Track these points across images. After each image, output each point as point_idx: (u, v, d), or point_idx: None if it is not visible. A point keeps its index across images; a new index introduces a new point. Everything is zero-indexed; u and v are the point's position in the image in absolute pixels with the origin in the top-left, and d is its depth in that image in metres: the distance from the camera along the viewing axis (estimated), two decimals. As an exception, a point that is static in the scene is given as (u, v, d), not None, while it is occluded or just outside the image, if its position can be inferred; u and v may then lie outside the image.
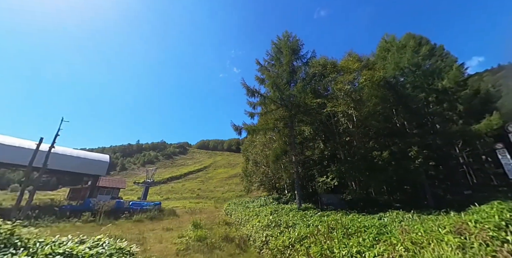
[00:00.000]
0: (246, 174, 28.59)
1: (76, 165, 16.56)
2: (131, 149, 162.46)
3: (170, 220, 17.36)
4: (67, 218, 13.89)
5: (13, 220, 4.97)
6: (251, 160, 26.27)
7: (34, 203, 16.77)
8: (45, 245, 4.80)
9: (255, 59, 16.81)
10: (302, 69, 16.61)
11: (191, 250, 9.26)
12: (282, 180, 22.54)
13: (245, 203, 22.63)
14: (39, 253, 4.11)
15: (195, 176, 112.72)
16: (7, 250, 4.26)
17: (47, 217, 13.33)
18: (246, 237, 11.15)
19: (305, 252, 7.33)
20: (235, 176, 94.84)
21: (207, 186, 78.75)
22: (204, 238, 10.68)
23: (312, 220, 11.16)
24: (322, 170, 17.37)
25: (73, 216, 14.07)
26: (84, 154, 17.84)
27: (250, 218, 14.21)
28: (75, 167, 16.76)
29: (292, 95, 15.12)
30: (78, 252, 4.57)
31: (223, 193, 56.21)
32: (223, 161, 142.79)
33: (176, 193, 63.04)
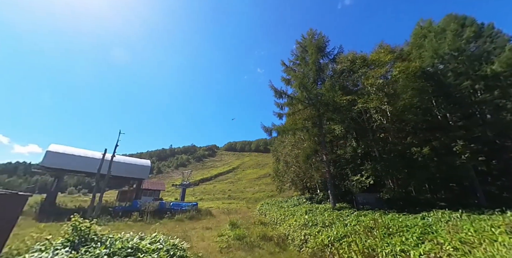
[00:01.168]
0: (277, 174, 28.78)
1: (124, 170, 18.48)
2: (165, 153, 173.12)
3: (207, 219, 18.31)
4: (120, 218, 15.50)
5: (90, 219, 5.93)
6: (281, 160, 26.41)
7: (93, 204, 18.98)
8: (114, 241, 5.65)
9: (280, 60, 17.00)
10: (329, 66, 16.32)
11: (232, 248, 9.76)
12: (313, 180, 22.28)
13: (278, 203, 22.86)
14: (113, 247, 4.88)
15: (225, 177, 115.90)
16: (89, 244, 5.14)
17: (104, 216, 15.05)
18: (283, 236, 11.43)
19: (346, 250, 7.38)
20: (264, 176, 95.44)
21: (237, 186, 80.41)
22: (243, 237, 11.14)
23: (349, 219, 11.08)
24: (356, 169, 16.81)
25: (124, 216, 15.67)
26: (129, 160, 19.89)
27: (286, 217, 14.46)
28: (123, 172, 18.68)
29: (319, 94, 14.93)
30: (142, 247, 5.31)
31: (253, 194, 56.99)
32: (251, 161, 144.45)
33: (208, 194, 65.59)
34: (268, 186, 70.34)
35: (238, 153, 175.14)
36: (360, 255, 6.87)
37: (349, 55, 17.97)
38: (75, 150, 17.58)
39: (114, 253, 4.53)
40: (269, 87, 15.56)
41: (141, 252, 4.86)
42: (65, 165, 16.97)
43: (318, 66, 16.04)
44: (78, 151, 17.47)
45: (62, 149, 16.97)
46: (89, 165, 17.40)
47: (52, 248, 5.04)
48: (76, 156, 17.36)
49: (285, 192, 32.57)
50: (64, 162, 16.82)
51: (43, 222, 13.85)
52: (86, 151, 18.10)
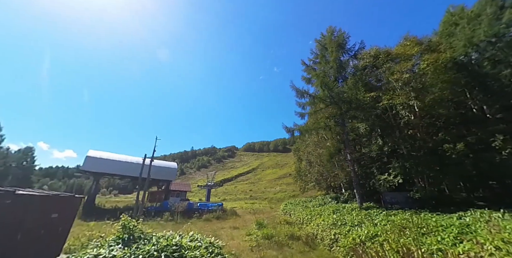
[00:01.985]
0: (300, 174, 28.64)
1: (154, 172, 19.59)
2: (187, 155, 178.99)
3: (233, 219, 18.79)
4: (153, 217, 16.46)
5: (136, 219, 6.51)
6: (304, 159, 26.24)
7: (126, 205, 20.33)
8: (158, 238, 6.16)
9: (301, 60, 16.97)
10: (350, 63, 15.96)
11: (262, 247, 10.02)
12: (338, 179, 21.89)
13: (302, 203, 22.80)
14: (160, 244, 5.34)
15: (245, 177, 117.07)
16: (138, 241, 5.67)
17: (138, 216, 16.10)
18: (312, 236, 11.52)
19: (379, 249, 7.32)
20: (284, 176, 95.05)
21: (258, 187, 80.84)
22: (271, 236, 11.38)
23: (378, 219, 10.99)
24: (382, 167, 16.25)
25: (156, 216, 16.62)
26: (158, 163, 21.09)
27: (313, 217, 14.51)
28: (153, 174, 19.79)
29: (341, 92, 14.67)
30: (184, 244, 5.73)
31: (275, 194, 57.00)
32: (270, 161, 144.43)
33: (230, 195, 66.78)
34: (289, 186, 69.95)
35: (257, 153, 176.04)
36: (394, 254, 6.80)
37: (371, 50, 17.34)
38: (110, 154, 19.01)
39: (161, 250, 4.97)
40: (290, 87, 15.65)
41: (184, 249, 5.26)
42: (102, 169, 18.41)
43: (339, 64, 15.76)
44: (113, 156, 18.88)
45: (99, 154, 18.42)
46: (123, 168, 18.69)
47: (106, 244, 5.65)
48: (110, 160, 18.75)
49: (308, 191, 32.30)
50: (101, 166, 18.25)
51: (86, 221, 15.18)
52: (120, 155, 19.51)
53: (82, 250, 5.43)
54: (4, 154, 58.34)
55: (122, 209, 18.88)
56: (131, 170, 18.85)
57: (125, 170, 18.93)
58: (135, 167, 19.20)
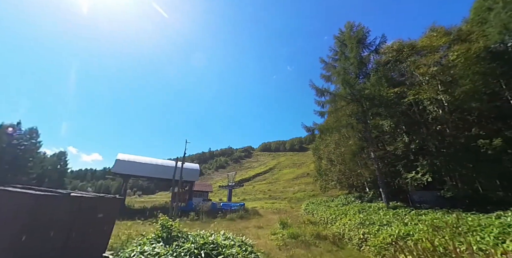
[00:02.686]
0: (320, 173, 28.21)
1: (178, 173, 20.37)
2: (204, 156, 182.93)
3: (256, 219, 18.99)
4: (179, 217, 17.08)
5: (173, 218, 6.90)
6: (324, 158, 25.85)
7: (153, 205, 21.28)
8: (194, 237, 6.47)
9: (319, 57, 16.74)
10: (371, 59, 15.46)
11: (289, 246, 10.10)
12: (361, 178, 21.34)
13: (324, 202, 22.58)
14: (198, 242, 5.62)
15: (263, 177, 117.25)
16: (178, 239, 6.01)
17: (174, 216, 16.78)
18: (338, 235, 11.46)
19: (413, 248, 7.15)
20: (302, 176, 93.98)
21: (276, 186, 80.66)
22: (297, 235, 11.42)
23: (407, 218, 10.82)
24: (409, 165, 15.59)
25: (182, 215, 17.24)
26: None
27: (337, 216, 14.39)
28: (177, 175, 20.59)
29: (363, 89, 14.25)
30: (220, 242, 5.97)
31: (294, 193, 56.58)
32: (287, 161, 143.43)
33: (249, 194, 67.24)
34: (308, 186, 69.07)
35: (274, 153, 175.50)
36: (430, 253, 6.62)
37: (394, 44, 16.58)
38: (137, 157, 20.05)
39: (200, 247, 5.23)
40: (309, 86, 15.50)
41: (220, 247, 5.50)
42: (130, 171, 19.45)
43: (359, 60, 15.32)
44: (140, 158, 19.91)
45: (127, 157, 19.49)
46: (149, 170, 19.60)
47: (148, 242, 6.04)
48: (138, 163, 19.75)
49: (329, 191, 31.77)
50: (129, 168, 19.28)
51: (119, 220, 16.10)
52: (146, 158, 20.53)
53: (128, 247, 5.87)
54: (42, 158, 63.50)
55: (150, 209, 19.78)
56: (157, 172, 19.77)
57: (152, 172, 19.86)
58: (161, 169, 20.11)
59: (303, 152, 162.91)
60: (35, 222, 4.42)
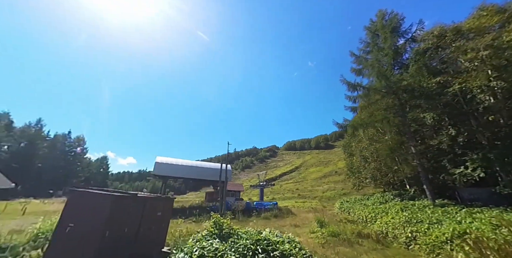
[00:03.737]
0: (353, 171, 27.27)
1: (211, 174, 21.25)
2: (231, 157, 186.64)
3: (290, 218, 19.01)
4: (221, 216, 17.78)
5: (224, 216, 7.31)
6: (356, 155, 24.93)
7: (190, 204, 22.38)
8: (245, 233, 6.77)
9: (349, 51, 16.14)
10: (407, 48, 14.46)
11: (332, 244, 10.03)
12: (399, 175, 20.21)
13: (359, 201, 21.88)
14: (252, 238, 5.88)
15: (289, 176, 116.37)
16: (232, 236, 6.35)
17: (204, 214, 17.60)
18: (380, 234, 11.16)
19: (472, 247, 6.74)
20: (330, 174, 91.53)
21: (304, 185, 79.53)
22: (337, 234, 11.27)
23: (459, 216, 10.18)
24: (456, 160, 14.37)
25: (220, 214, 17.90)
26: (214, 165, 22.85)
27: (377, 215, 13.99)
28: (210, 175, 21.48)
29: (400, 81, 13.37)
30: (272, 239, 6.19)
31: (324, 192, 55.34)
32: (313, 159, 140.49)
33: (277, 194, 67.21)
34: (338, 184, 67.07)
35: (299, 151, 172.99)
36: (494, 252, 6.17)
37: (434, 29, 15.26)
38: (174, 159, 21.30)
39: (256, 243, 5.50)
40: (340, 81, 15.02)
41: (274, 243, 5.71)
42: (168, 172, 20.69)
43: (394, 50, 14.41)
44: (177, 161, 21.14)
45: (165, 160, 20.80)
46: (186, 171, 20.68)
47: (203, 239, 6.48)
48: (175, 165, 20.96)
49: (362, 189, 30.59)
50: (167, 170, 20.53)
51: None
52: (182, 160, 21.75)
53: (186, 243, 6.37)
54: (88, 163, 70.62)
55: (188, 208, 20.88)
56: (193, 173, 20.81)
57: (188, 173, 20.95)
58: (196, 170, 21.14)
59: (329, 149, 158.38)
60: (113, 219, 4.95)
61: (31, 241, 7.00)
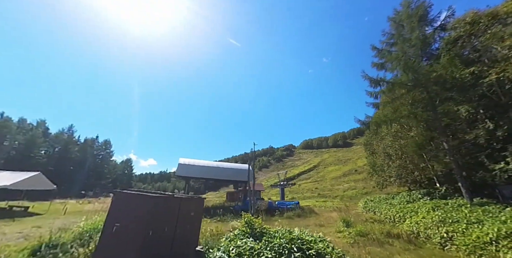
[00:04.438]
0: (375, 169, 26.30)
1: (233, 174, 21.60)
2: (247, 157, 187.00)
3: (313, 217, 18.80)
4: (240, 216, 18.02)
5: (256, 216, 7.45)
6: (379, 153, 24.02)
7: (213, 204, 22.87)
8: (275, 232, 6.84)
9: (370, 45, 15.51)
10: (436, 37, 13.56)
11: (361, 244, 9.83)
12: (426, 172, 19.20)
13: (384, 200, 21.12)
14: (286, 237, 5.93)
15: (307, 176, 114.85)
16: (266, 235, 6.45)
17: (228, 214, 17.92)
18: (411, 234, 10.83)
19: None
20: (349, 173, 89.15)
21: (323, 185, 78.15)
22: (365, 233, 11.01)
23: (503, 216, 9.40)
24: (495, 155, 13.34)
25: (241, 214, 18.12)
26: (235, 166, 23.24)
27: (406, 214, 13.52)
28: (232, 176, 21.82)
29: (429, 73, 12.53)
30: (303, 238, 6.20)
31: (344, 191, 54.02)
32: (331, 158, 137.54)
33: (296, 193, 66.61)
34: (358, 183, 65.16)
35: (316, 150, 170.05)
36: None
37: (466, 15, 14.27)
38: (196, 161, 21.92)
39: (290, 242, 5.55)
40: (362, 77, 14.48)
41: (307, 242, 5.72)
42: (191, 173, 21.30)
43: (422, 40, 13.54)
44: (199, 162, 21.74)
45: (187, 161, 21.45)
46: (207, 172, 21.18)
47: (236, 238, 6.64)
48: (197, 166, 21.53)
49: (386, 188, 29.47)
50: (190, 171, 21.15)
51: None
52: (204, 161, 22.32)
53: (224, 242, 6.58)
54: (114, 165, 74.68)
55: (211, 207, 21.37)
56: (214, 173, 21.26)
57: (210, 174, 21.43)
58: (217, 170, 21.58)
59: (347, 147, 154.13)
60: (155, 219, 5.18)
61: (77, 239, 7.44)
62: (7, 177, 16.97)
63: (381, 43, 15.65)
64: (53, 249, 6.69)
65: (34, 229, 11.32)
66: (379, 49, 15.48)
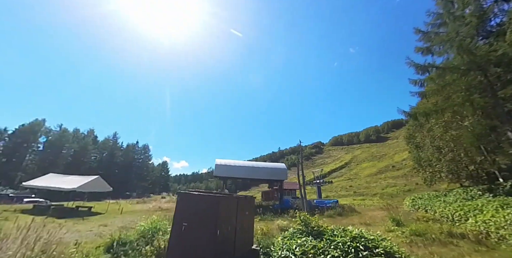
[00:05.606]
0: (422, 164, 24.28)
1: (268, 173, 21.76)
2: (275, 156, 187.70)
3: (356, 216, 18.03)
4: (280, 215, 18.03)
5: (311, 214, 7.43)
6: (426, 146, 22.09)
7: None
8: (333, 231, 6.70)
9: (414, 28, 14.25)
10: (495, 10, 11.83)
11: (420, 244, 9.19)
12: (485, 166, 17.16)
13: (435, 197, 19.46)
14: (348, 236, 5.78)
15: (339, 173, 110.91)
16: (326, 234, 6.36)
17: (267, 213, 18.05)
18: (479, 234, 9.77)
19: None
20: (386, 169, 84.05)
21: (358, 182, 74.75)
22: (422, 233, 10.27)
23: None
24: None
25: (283, 213, 18.11)
26: (270, 165, 23.39)
27: (468, 213, 12.23)
28: (268, 175, 21.97)
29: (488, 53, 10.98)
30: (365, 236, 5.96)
31: (383, 189, 50.94)
32: (364, 154, 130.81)
33: (330, 192, 64.67)
34: (398, 180, 61.06)
35: (346, 146, 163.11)
36: None
37: None
38: (232, 161, 22.53)
39: (354, 240, 5.40)
40: (406, 64, 13.38)
41: (372, 240, 5.50)
42: (228, 173, 21.91)
43: (478, 16, 11.93)
44: (235, 162, 22.34)
45: (224, 162, 22.13)
46: (244, 172, 21.60)
47: (290, 236, 6.66)
48: (233, 166, 22.09)
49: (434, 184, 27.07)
50: (227, 171, 21.76)
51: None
52: (239, 161, 22.89)
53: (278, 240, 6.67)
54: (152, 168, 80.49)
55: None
56: (250, 173, 21.62)
57: (245, 173, 21.86)
58: (253, 170, 21.91)
59: (381, 142, 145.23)
60: (222, 218, 5.30)
61: (141, 237, 7.86)
62: (73, 180, 19.48)
63: (426, 26, 14.24)
64: (123, 246, 7.25)
65: (101, 227, 12.63)
66: (424, 32, 14.11)
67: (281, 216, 17.59)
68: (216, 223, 5.10)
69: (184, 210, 5.68)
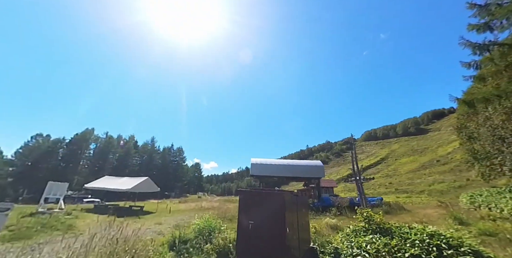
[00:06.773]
0: (477, 157, 21.78)
1: (305, 170, 21.48)
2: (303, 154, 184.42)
3: (406, 214, 16.93)
4: (321, 213, 17.66)
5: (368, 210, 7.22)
6: (483, 136, 19.74)
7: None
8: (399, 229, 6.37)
9: (466, 3, 12.71)
10: None
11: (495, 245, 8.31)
12: None
13: (497, 194, 17.40)
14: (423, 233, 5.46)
15: (375, 170, 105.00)
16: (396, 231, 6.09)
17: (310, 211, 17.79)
18: None
19: None
20: (430, 164, 77.24)
21: (398, 179, 69.80)
22: (494, 233, 9.29)
23: None
24: None
25: (324, 211, 17.72)
26: (307, 162, 23.06)
27: None
28: (305, 173, 21.69)
29: None
30: (442, 233, 5.57)
31: (430, 185, 46.84)
32: (403, 148, 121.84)
33: (367, 189, 61.38)
34: (446, 175, 55.70)
35: (381, 140, 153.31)
36: None
37: None
38: (266, 160, 22.72)
39: (432, 238, 5.09)
40: (459, 44, 12.02)
41: (453, 238, 5.12)
42: (264, 172, 22.11)
43: None
44: (270, 161, 22.52)
45: (259, 161, 22.39)
46: (280, 170, 21.61)
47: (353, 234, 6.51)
48: (269, 164, 22.24)
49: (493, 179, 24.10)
50: (262, 170, 21.97)
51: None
52: (274, 160, 23.01)
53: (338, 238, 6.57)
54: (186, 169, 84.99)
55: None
56: (286, 171, 21.59)
57: (281, 171, 21.85)
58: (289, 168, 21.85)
59: (422, 134, 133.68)
60: (288, 216, 5.27)
61: (199, 236, 8.03)
62: (127, 182, 21.53)
63: (482, -2, 12.54)
64: (183, 244, 7.52)
65: (156, 225, 13.59)
66: (479, 5, 12.48)
67: (323, 214, 17.25)
68: (285, 221, 5.06)
69: (248, 208, 5.62)
